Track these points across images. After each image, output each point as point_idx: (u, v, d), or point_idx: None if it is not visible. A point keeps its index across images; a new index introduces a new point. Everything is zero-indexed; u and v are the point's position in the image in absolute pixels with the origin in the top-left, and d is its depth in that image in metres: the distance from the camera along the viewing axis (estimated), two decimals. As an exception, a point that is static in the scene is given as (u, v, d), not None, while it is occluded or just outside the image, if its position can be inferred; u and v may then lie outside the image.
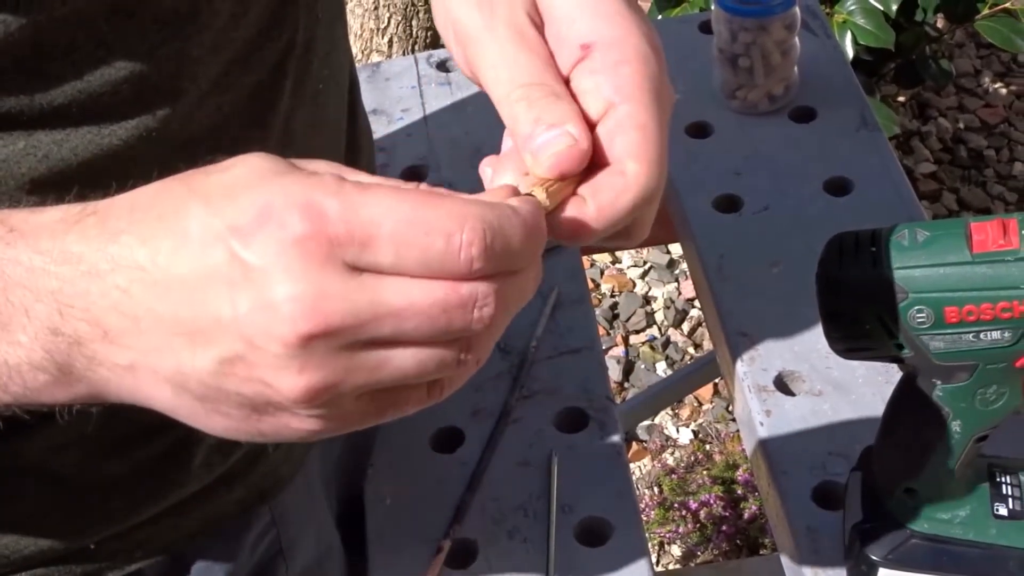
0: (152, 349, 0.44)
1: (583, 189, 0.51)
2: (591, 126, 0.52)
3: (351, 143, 0.79)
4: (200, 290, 0.43)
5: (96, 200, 0.57)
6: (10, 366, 0.45)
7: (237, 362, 0.43)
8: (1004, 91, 2.47)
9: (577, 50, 0.53)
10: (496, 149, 1.13)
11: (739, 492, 1.71)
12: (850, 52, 1.65)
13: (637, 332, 2.10)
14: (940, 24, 2.03)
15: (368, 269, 0.43)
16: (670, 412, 1.99)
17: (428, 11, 1.79)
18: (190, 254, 0.44)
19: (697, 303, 2.07)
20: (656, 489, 1.77)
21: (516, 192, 0.48)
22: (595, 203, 0.50)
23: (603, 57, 0.52)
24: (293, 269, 0.42)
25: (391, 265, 0.43)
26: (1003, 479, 0.74)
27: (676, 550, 1.76)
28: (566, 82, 0.53)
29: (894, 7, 1.68)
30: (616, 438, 0.87)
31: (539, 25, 0.54)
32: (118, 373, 0.45)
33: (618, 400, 1.89)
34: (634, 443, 1.95)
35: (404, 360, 0.44)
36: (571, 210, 0.50)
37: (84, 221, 0.46)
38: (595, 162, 0.51)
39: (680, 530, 1.70)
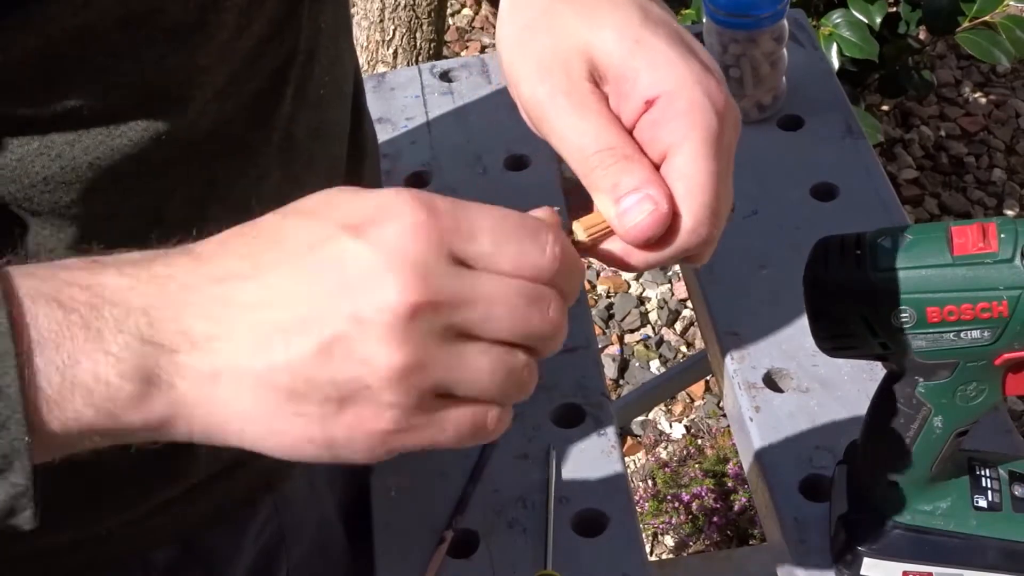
0: (243, 352, 0.45)
1: None
2: None
3: (357, 148, 0.79)
4: (305, 276, 0.45)
5: (107, 201, 0.59)
6: (99, 377, 0.45)
7: (337, 344, 0.45)
8: (983, 100, 2.49)
9: (641, 105, 0.53)
10: (496, 155, 1.16)
11: (729, 485, 1.71)
12: (836, 63, 1.67)
13: (632, 331, 2.11)
14: (922, 36, 2.04)
15: (468, 261, 0.46)
16: (663, 408, 2.00)
17: (431, 24, 1.80)
18: (298, 253, 0.46)
19: (689, 303, 2.06)
20: (650, 482, 1.78)
21: (557, 217, 0.51)
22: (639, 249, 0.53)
23: (661, 110, 0.53)
24: (407, 248, 0.45)
25: (490, 255, 0.47)
26: (982, 472, 0.75)
27: (669, 540, 1.76)
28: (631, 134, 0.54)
29: (878, 20, 1.70)
30: (611, 433, 0.88)
31: (600, 85, 0.55)
32: (199, 384, 0.45)
33: (613, 396, 1.89)
34: (629, 438, 1.95)
35: (481, 357, 0.47)
36: (616, 248, 0.53)
37: (170, 255, 0.47)
38: None
39: (673, 521, 1.70)
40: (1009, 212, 2.27)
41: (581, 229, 0.53)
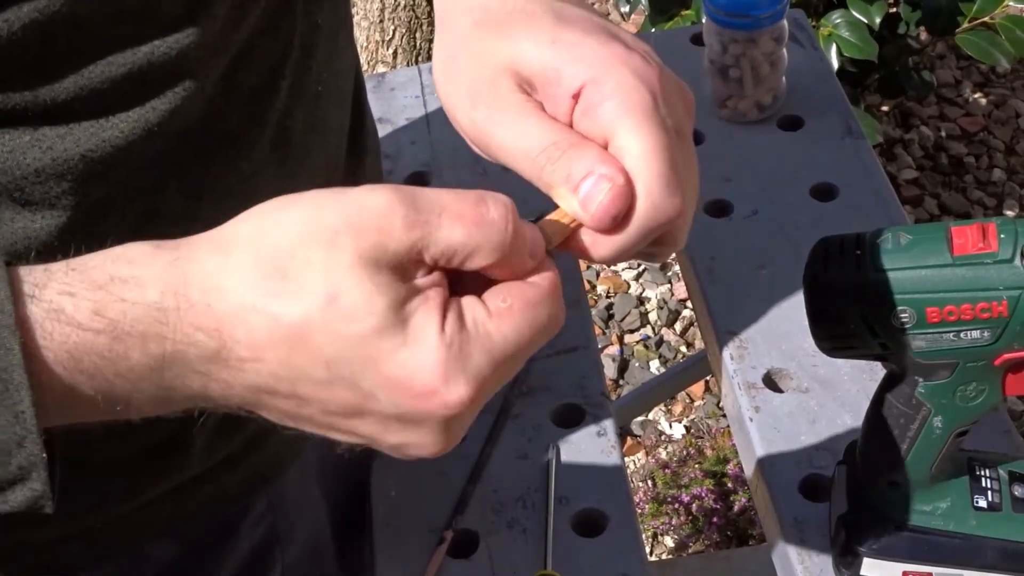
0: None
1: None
2: None
3: (358, 144, 0.80)
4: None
5: (99, 193, 0.59)
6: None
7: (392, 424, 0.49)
8: (983, 101, 2.49)
9: (570, 100, 0.53)
10: (496, 155, 1.15)
11: (729, 485, 1.71)
12: (835, 63, 1.67)
13: (631, 332, 2.12)
14: (922, 37, 2.05)
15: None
16: (663, 408, 2.00)
17: (431, 24, 1.81)
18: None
19: (689, 304, 2.07)
20: (650, 482, 1.78)
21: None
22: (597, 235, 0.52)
23: (589, 97, 0.52)
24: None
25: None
26: (982, 472, 0.75)
27: (669, 541, 1.76)
28: None
29: (878, 20, 1.70)
30: (611, 433, 0.88)
31: (531, 94, 0.54)
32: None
33: (613, 397, 1.90)
34: (628, 438, 1.95)
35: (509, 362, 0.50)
36: (584, 238, 0.52)
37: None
38: None
39: (673, 522, 1.70)
40: (1009, 212, 2.27)
41: (545, 229, 0.52)
